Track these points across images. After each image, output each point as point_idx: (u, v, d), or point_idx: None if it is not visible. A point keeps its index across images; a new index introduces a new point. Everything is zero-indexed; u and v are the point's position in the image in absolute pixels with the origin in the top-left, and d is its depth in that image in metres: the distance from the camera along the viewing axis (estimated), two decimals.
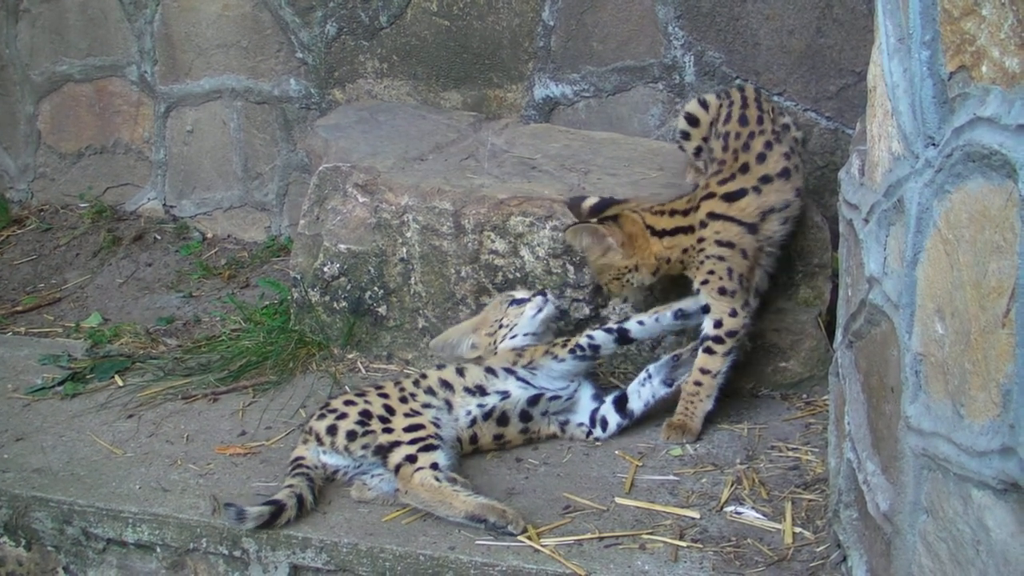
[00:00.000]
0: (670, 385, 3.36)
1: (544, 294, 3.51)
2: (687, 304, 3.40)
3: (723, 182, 3.35)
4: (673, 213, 3.38)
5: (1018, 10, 1.63)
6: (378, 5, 4.73)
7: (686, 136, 3.67)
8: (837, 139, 4.22)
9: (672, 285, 3.53)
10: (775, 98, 4.20)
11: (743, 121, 3.46)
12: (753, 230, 3.32)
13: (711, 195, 3.34)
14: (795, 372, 3.64)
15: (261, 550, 2.99)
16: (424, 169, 3.97)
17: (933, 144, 1.93)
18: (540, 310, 3.47)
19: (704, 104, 3.63)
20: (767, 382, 3.66)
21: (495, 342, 3.48)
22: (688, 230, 3.34)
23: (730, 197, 3.32)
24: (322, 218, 3.96)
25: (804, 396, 3.62)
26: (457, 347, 3.55)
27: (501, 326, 3.49)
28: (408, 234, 3.80)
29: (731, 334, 3.32)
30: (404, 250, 3.82)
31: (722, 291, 3.30)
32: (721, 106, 3.57)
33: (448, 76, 4.73)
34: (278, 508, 2.94)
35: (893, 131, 2.16)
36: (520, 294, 3.55)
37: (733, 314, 3.31)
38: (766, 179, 3.35)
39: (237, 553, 3.02)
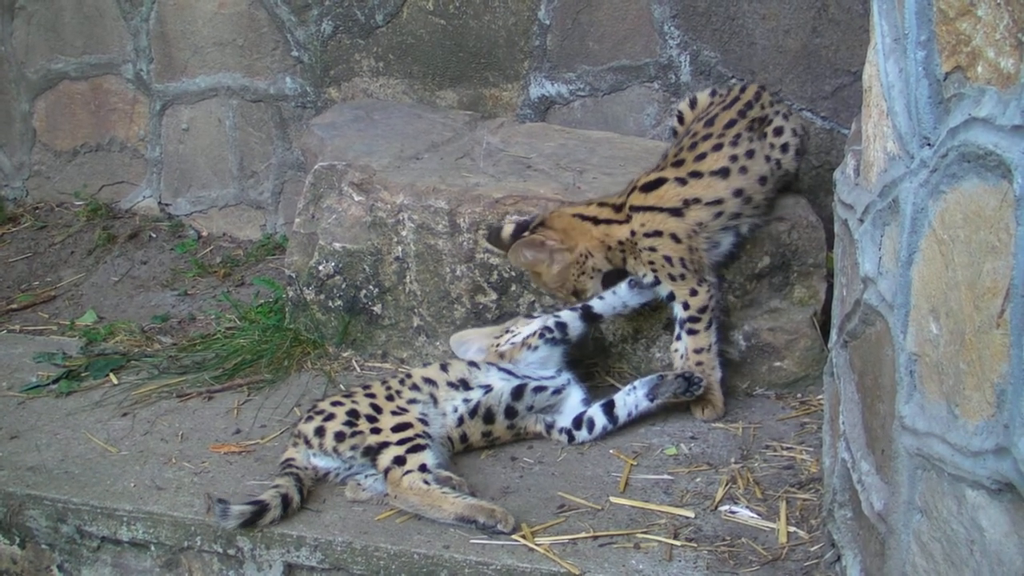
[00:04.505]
0: (652, 400, 3.37)
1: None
2: (637, 276, 3.52)
3: (649, 172, 3.49)
4: (602, 204, 3.49)
5: (1013, 11, 1.63)
6: (374, 4, 4.73)
7: (674, 132, 3.82)
8: (832, 139, 4.22)
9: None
10: None
11: (709, 123, 3.55)
12: (677, 214, 3.40)
13: (633, 189, 3.47)
14: (790, 372, 3.64)
15: (255, 548, 2.99)
16: (420, 168, 3.97)
17: (928, 144, 1.94)
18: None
19: (693, 103, 3.78)
20: (762, 381, 3.66)
21: (497, 346, 3.50)
22: (620, 223, 3.44)
23: (647, 187, 3.44)
24: (317, 216, 3.96)
25: (799, 396, 3.62)
26: (468, 349, 3.58)
27: (508, 332, 3.53)
28: (403, 233, 3.80)
29: (702, 310, 3.44)
30: (399, 249, 3.82)
31: (672, 277, 3.42)
32: (711, 105, 3.67)
33: (444, 75, 4.73)
34: (261, 508, 2.94)
35: (888, 131, 2.16)
36: (536, 313, 3.60)
37: (693, 293, 3.44)
38: (695, 174, 3.44)
39: (231, 551, 3.02)
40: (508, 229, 3.53)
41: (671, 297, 3.46)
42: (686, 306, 3.44)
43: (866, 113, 2.39)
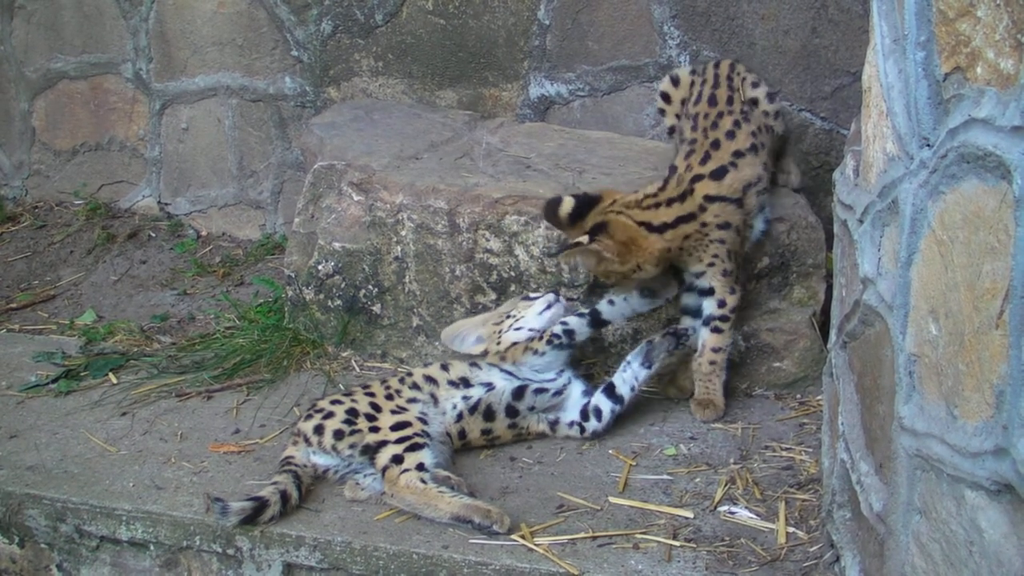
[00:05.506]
0: (649, 367, 3.37)
1: (556, 293, 3.53)
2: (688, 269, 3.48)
3: (704, 161, 3.42)
4: (670, 203, 3.34)
5: (1013, 12, 1.63)
6: (373, 3, 4.73)
7: (662, 113, 3.88)
8: (832, 140, 4.22)
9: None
10: None
11: (712, 102, 3.57)
12: (740, 204, 3.41)
13: (700, 176, 3.39)
14: (789, 372, 3.64)
15: (255, 548, 2.99)
16: (419, 168, 3.97)
17: (928, 145, 1.94)
18: (549, 307, 3.48)
19: (675, 80, 3.80)
20: (761, 382, 3.66)
21: (500, 332, 3.49)
22: (689, 218, 3.34)
23: (716, 175, 3.40)
24: (317, 216, 3.96)
25: (798, 396, 3.62)
26: (465, 339, 3.56)
27: (508, 316, 3.52)
28: (403, 232, 3.80)
29: (733, 310, 3.45)
30: (399, 248, 3.82)
31: (725, 272, 3.40)
32: (693, 84, 3.71)
33: (443, 75, 4.73)
34: (261, 504, 2.94)
35: (888, 132, 2.16)
36: (534, 294, 3.59)
37: (732, 291, 3.43)
38: (738, 154, 3.44)
39: (231, 551, 3.02)
40: (567, 206, 3.25)
41: (709, 292, 3.42)
42: (722, 304, 3.42)
43: (865, 114, 2.39)
